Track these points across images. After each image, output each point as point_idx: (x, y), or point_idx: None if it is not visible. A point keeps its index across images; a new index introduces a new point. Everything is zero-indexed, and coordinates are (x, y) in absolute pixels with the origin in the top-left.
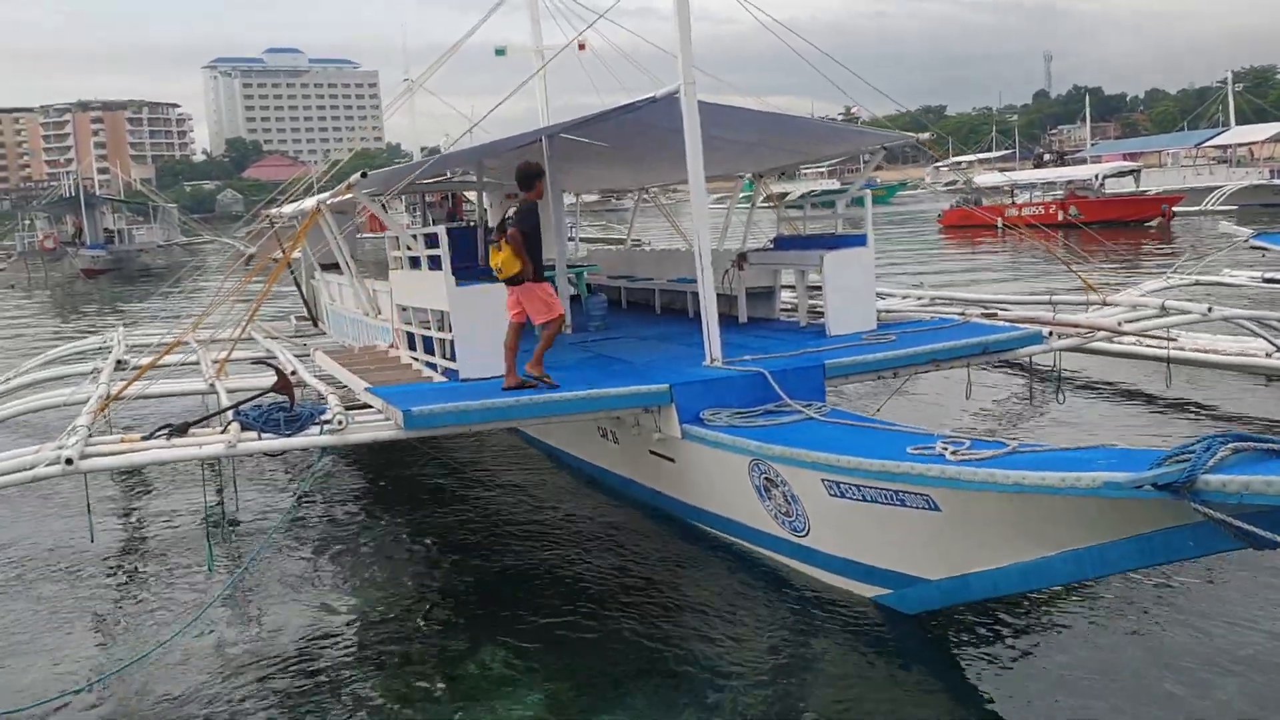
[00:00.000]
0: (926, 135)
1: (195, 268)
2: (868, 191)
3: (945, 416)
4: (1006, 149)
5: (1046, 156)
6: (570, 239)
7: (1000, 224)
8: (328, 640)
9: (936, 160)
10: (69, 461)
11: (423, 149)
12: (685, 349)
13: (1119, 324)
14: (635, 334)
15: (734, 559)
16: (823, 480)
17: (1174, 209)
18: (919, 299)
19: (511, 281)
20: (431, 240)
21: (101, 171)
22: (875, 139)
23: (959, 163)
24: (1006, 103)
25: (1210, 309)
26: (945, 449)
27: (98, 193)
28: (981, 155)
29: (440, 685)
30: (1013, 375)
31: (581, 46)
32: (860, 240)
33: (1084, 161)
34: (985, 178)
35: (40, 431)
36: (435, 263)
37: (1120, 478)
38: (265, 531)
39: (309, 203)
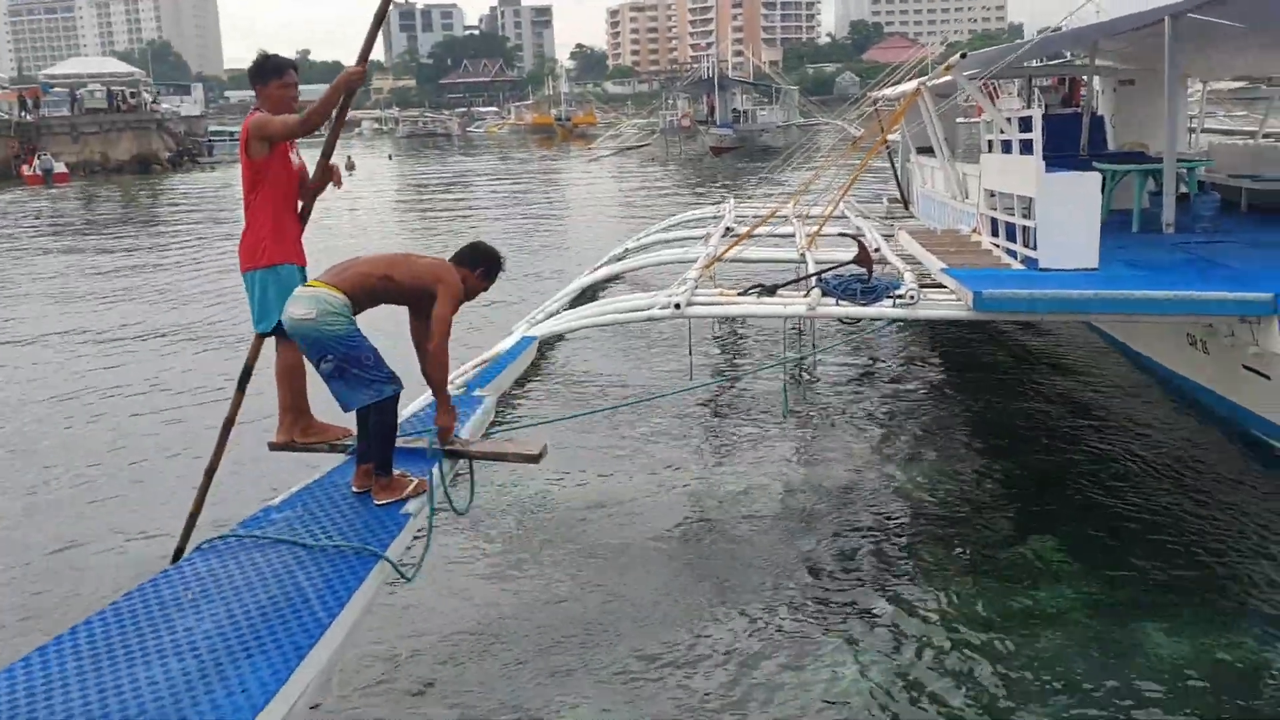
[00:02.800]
0: None
1: (806, 147)
2: None
3: None
4: None
5: None
6: (1191, 130)
7: None
8: (871, 502)
9: None
10: (678, 306)
11: (1041, 30)
12: None
13: None
14: (1249, 238)
15: None
16: None
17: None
18: None
19: None
20: (1025, 124)
21: (736, 55)
22: None
23: None
24: None
25: None
26: None
27: (730, 75)
28: None
29: (986, 566)
30: None
31: None
32: None
33: None
34: None
35: (655, 284)
36: (1029, 148)
37: None
38: (839, 390)
39: (910, 85)
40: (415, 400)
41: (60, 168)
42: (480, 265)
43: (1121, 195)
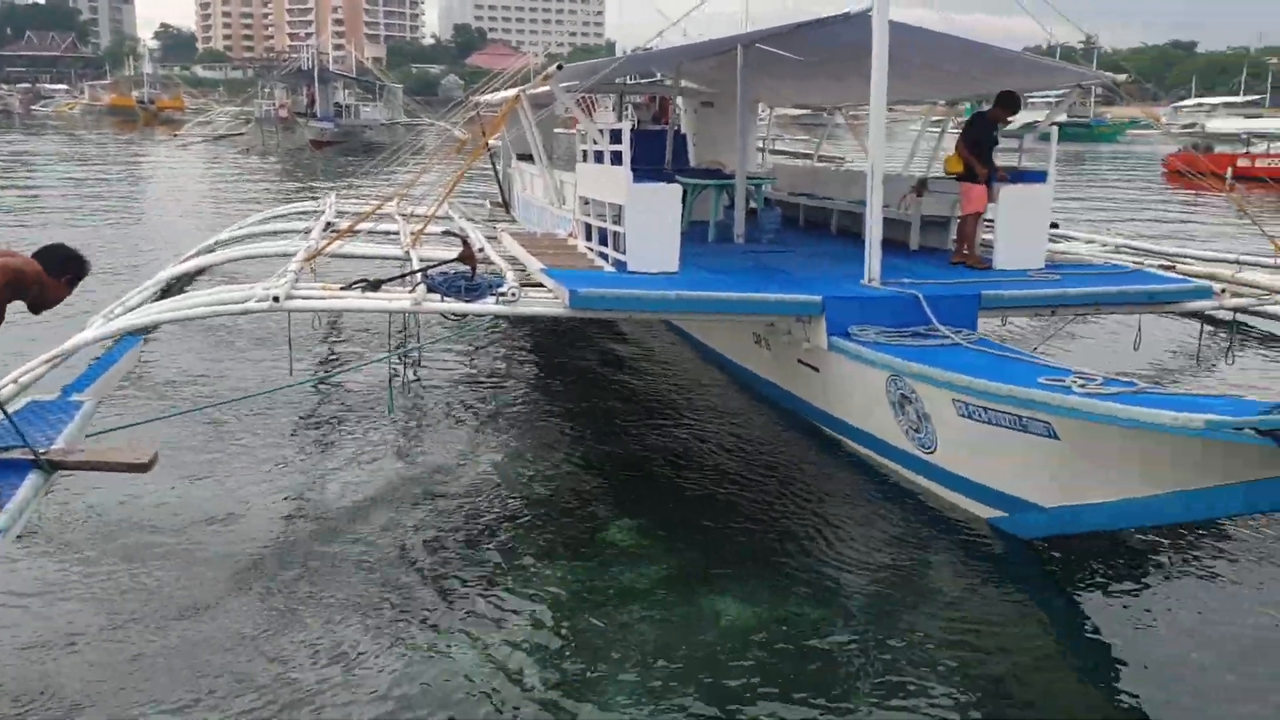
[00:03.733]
0: (1124, 76)
1: (410, 146)
2: (1054, 128)
3: (1108, 362)
4: (1258, 94)
5: None
6: (761, 150)
7: (1229, 175)
8: (468, 493)
9: (1173, 100)
10: (276, 299)
11: (635, 49)
12: (849, 267)
13: None
14: (805, 249)
15: (862, 468)
16: (953, 400)
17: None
18: (1104, 245)
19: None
20: (616, 137)
21: (337, 48)
22: (1073, 75)
23: (1202, 105)
24: (1267, 43)
25: None
26: (1075, 382)
27: (332, 68)
28: (1225, 99)
29: (569, 551)
30: (1189, 330)
31: None
32: (1040, 177)
33: None
34: (1218, 123)
35: (249, 279)
36: (619, 159)
37: (1223, 420)
38: (442, 387)
39: (511, 92)
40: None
41: None
42: (68, 272)
43: (701, 208)
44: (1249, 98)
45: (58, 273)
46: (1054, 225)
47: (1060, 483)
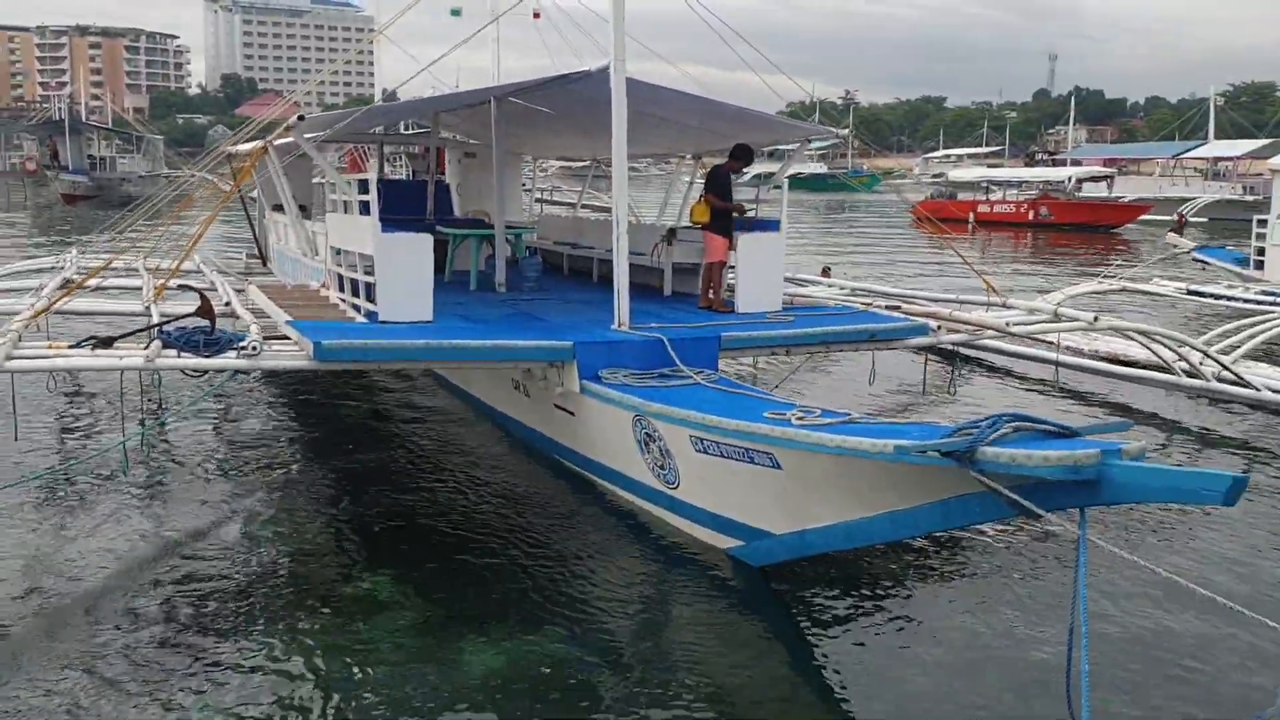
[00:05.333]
0: (846, 131)
1: (170, 198)
2: (785, 180)
3: (843, 396)
4: (998, 145)
5: (1040, 155)
6: (537, 200)
7: (972, 219)
8: (221, 552)
9: (928, 152)
10: None
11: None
12: (604, 314)
13: (1007, 325)
14: (565, 297)
15: (615, 509)
16: (690, 436)
17: (1185, 217)
18: (840, 289)
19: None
20: (364, 187)
21: (95, 98)
22: (802, 131)
23: (949, 156)
24: (1007, 99)
25: (1096, 318)
26: (795, 416)
27: (86, 119)
28: (970, 150)
29: (323, 607)
30: (919, 364)
31: (536, 15)
32: (773, 225)
33: (1065, 164)
34: (960, 172)
35: None
36: (368, 209)
37: (910, 444)
38: (191, 446)
39: (258, 143)
40: None
41: None
42: None
43: (464, 258)
44: (991, 149)
45: None
46: (825, 271)
47: (786, 510)
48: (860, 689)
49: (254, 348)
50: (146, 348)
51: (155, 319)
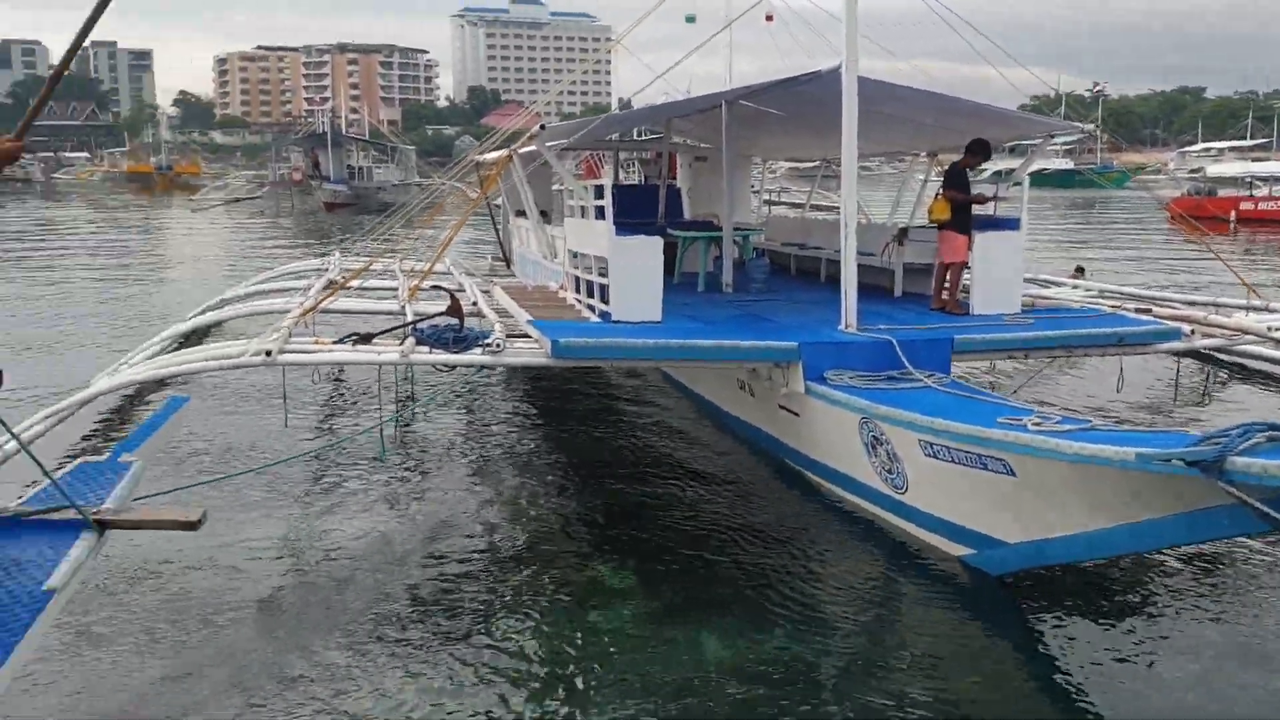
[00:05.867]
0: (1093, 125)
1: (423, 205)
2: (1026, 177)
3: (1086, 402)
4: (1264, 138)
5: None
6: (767, 203)
7: (1233, 218)
8: (466, 536)
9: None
10: (268, 354)
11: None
12: (831, 315)
13: (1269, 330)
14: (792, 297)
15: (841, 510)
16: (919, 440)
17: None
18: (1087, 290)
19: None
20: (599, 192)
21: (353, 111)
22: (1044, 126)
23: (1209, 150)
24: (1274, 88)
25: None
26: (1031, 421)
27: (345, 132)
28: (1232, 143)
29: (558, 591)
30: (1171, 370)
31: (769, 18)
32: (1013, 224)
33: None
34: (1221, 167)
35: (253, 334)
36: (603, 213)
37: (1153, 452)
38: (438, 437)
39: (503, 151)
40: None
41: None
42: None
43: (692, 260)
44: (1256, 141)
45: None
46: (1079, 271)
47: (1020, 518)
48: (1103, 706)
49: (498, 345)
50: (401, 343)
51: (409, 317)
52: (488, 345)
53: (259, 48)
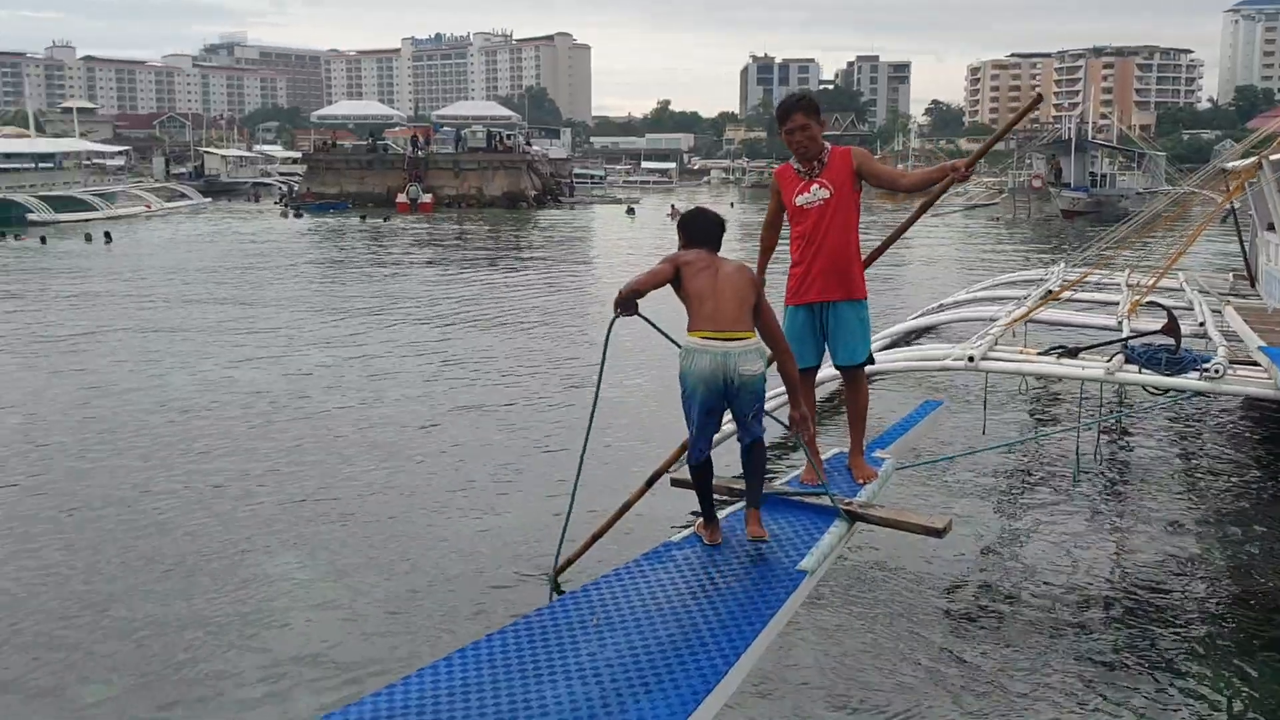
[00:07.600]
0: None
1: (1157, 215)
2: None
3: None
4: None
5: None
6: None
7: None
8: (1163, 575)
9: None
10: (971, 359)
11: None
12: None
13: None
14: None
15: None
16: None
17: None
18: None
19: None
20: None
21: (1103, 117)
22: None
23: None
24: None
25: None
26: None
27: (1092, 137)
28: None
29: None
30: None
31: None
32: None
33: None
34: None
35: (964, 338)
36: None
37: None
38: (1139, 464)
39: (1253, 158)
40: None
41: (426, 198)
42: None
43: None
44: None
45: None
46: None
47: None
48: None
49: (1217, 370)
50: (1109, 360)
51: (1125, 333)
52: (1205, 370)
53: (1012, 55)
